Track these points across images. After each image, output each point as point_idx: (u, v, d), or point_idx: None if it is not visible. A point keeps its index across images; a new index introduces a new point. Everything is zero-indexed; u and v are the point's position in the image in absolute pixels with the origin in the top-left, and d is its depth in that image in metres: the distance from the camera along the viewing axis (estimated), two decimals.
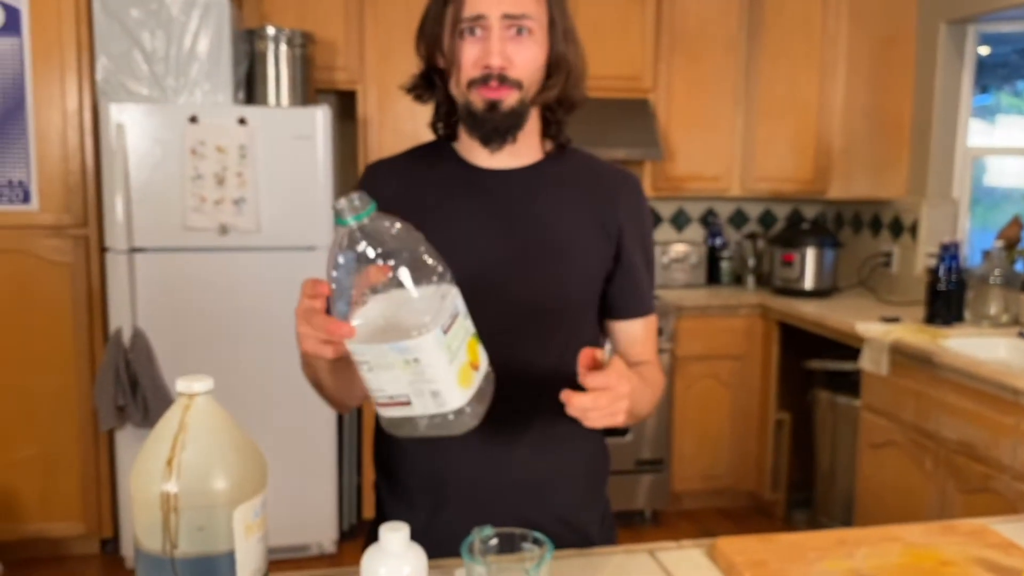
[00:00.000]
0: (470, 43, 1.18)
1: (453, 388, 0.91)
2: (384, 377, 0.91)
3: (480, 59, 1.17)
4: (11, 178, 3.02)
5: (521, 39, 1.18)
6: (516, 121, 1.21)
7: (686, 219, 4.24)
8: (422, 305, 0.89)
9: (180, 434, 0.90)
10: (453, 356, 0.90)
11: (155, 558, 0.89)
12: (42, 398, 3.11)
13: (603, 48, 3.64)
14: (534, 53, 1.19)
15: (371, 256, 0.89)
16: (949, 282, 3.03)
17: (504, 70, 1.17)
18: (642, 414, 1.24)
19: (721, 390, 3.67)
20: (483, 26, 1.16)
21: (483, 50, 1.17)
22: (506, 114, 1.19)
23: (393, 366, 0.90)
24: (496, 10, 1.15)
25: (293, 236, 3.08)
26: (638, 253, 1.31)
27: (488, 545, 0.98)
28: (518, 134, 1.23)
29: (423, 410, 0.93)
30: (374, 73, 3.46)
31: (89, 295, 3.12)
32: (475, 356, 0.95)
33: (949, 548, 1.20)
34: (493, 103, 1.18)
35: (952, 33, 3.52)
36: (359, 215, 0.89)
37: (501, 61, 1.16)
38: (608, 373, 1.01)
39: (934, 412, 2.62)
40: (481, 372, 0.96)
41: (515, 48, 1.17)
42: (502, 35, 1.17)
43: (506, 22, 1.16)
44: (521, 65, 1.18)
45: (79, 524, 3.19)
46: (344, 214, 0.88)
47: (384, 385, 0.92)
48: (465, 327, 0.95)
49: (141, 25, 2.98)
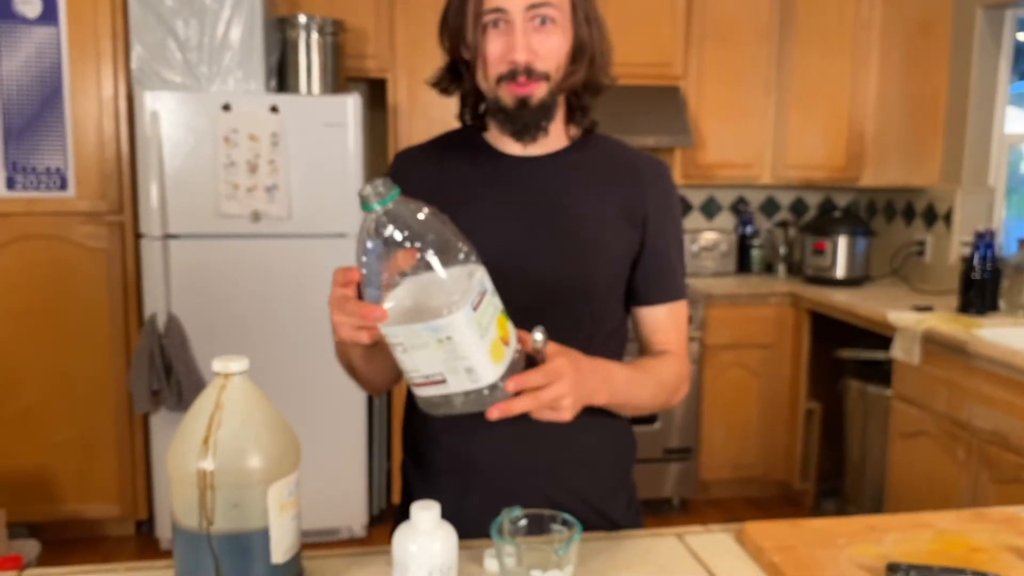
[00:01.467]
0: (494, 36, 1.17)
1: (486, 363, 0.92)
2: (419, 357, 0.93)
3: (505, 54, 1.16)
4: (48, 165, 3.08)
5: (545, 29, 1.16)
6: (546, 114, 1.21)
7: (716, 207, 4.21)
8: (450, 285, 0.91)
9: (216, 413, 0.92)
10: (484, 332, 0.92)
11: (192, 534, 0.92)
12: (79, 382, 3.17)
13: (633, 35, 3.62)
14: (559, 42, 1.18)
15: (398, 240, 0.90)
16: (983, 271, 2.99)
17: (531, 63, 1.16)
18: (643, 406, 1.23)
19: (751, 379, 3.65)
20: (506, 19, 1.16)
21: (508, 44, 1.16)
22: (536, 108, 1.19)
23: (427, 346, 0.91)
24: (518, 3, 1.15)
25: (324, 223, 3.10)
26: (664, 239, 1.30)
27: (517, 526, 0.99)
28: (550, 124, 1.23)
29: (459, 387, 0.94)
30: (404, 61, 3.47)
31: (124, 281, 3.17)
32: (505, 331, 0.96)
33: (980, 535, 1.20)
34: (523, 99, 1.18)
35: (989, 18, 3.46)
36: (384, 200, 0.90)
37: (527, 55, 1.15)
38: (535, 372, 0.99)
39: (967, 402, 2.59)
40: (512, 347, 0.97)
41: (540, 39, 1.16)
42: (525, 27, 1.15)
43: (529, 13, 1.15)
44: (546, 56, 1.17)
45: (115, 506, 3.25)
46: (369, 200, 0.90)
47: (419, 365, 0.94)
48: (494, 304, 0.96)
49: (175, 14, 3.01)
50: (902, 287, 3.68)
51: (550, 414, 1.01)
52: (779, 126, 3.81)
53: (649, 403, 1.24)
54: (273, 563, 0.94)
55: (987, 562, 1.12)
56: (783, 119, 3.80)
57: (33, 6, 3.00)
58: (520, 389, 0.97)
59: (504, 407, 0.96)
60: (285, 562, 0.95)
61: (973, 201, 3.55)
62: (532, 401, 0.98)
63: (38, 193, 3.08)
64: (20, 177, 3.06)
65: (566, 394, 1.00)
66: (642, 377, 1.21)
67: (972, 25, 3.49)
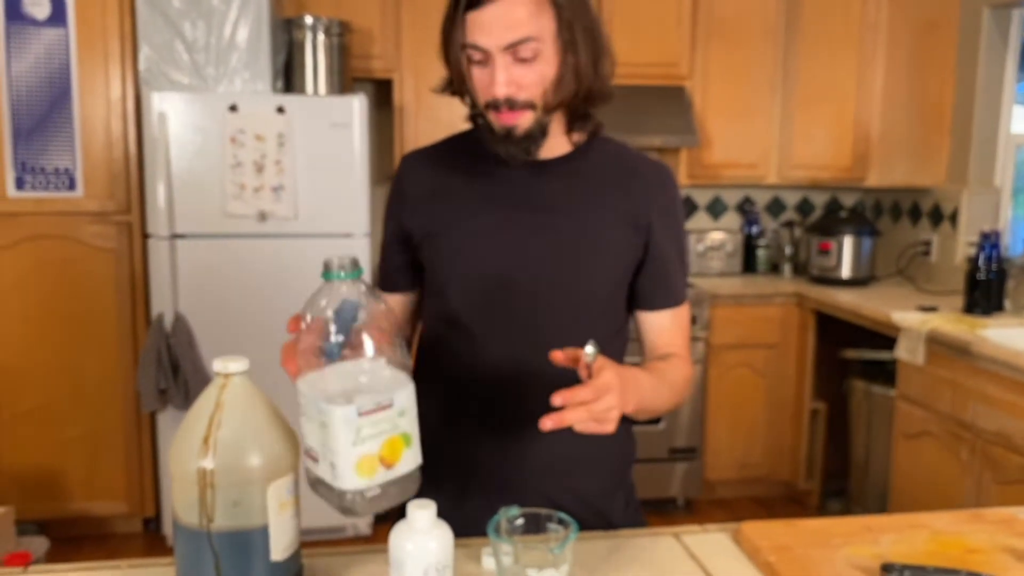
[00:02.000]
0: (477, 69, 1.17)
1: (347, 470, 0.91)
2: (306, 426, 0.95)
3: (488, 87, 1.16)
4: (57, 165, 3.10)
5: (527, 62, 1.15)
6: (533, 141, 1.20)
7: (722, 207, 4.22)
8: (355, 381, 0.93)
9: (216, 412, 0.94)
10: (359, 441, 0.91)
11: (193, 531, 0.93)
12: (88, 380, 3.20)
13: (640, 35, 3.63)
14: (542, 72, 1.16)
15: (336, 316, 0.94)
16: (989, 271, 2.99)
17: (512, 96, 1.15)
18: (659, 411, 1.24)
19: (756, 379, 3.66)
20: (486, 55, 1.15)
21: (489, 77, 1.16)
22: (522, 137, 1.19)
23: (312, 420, 0.93)
24: (494, 42, 1.13)
25: (330, 223, 3.12)
26: (668, 244, 1.30)
27: (514, 525, 1.00)
28: (542, 145, 1.22)
29: (323, 474, 0.94)
30: (410, 61, 3.48)
31: (132, 280, 3.19)
32: (393, 455, 0.94)
33: (976, 536, 1.20)
34: (508, 129, 1.18)
35: (996, 18, 3.45)
36: (348, 274, 0.95)
37: (507, 90, 1.15)
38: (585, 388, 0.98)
39: (971, 402, 2.59)
40: (394, 473, 0.95)
41: (522, 72, 1.15)
42: (505, 63, 1.14)
43: (508, 50, 1.14)
44: (530, 86, 1.16)
45: (122, 503, 3.28)
46: (331, 268, 0.95)
47: (305, 433, 0.96)
48: (396, 424, 0.94)
49: (182, 15, 3.04)
50: (908, 287, 3.67)
51: (595, 426, 0.99)
52: (785, 126, 3.81)
53: (664, 407, 1.24)
54: (272, 560, 0.95)
55: (983, 563, 1.12)
56: (789, 119, 3.80)
57: (42, 8, 3.02)
58: (569, 403, 0.96)
59: (556, 419, 0.96)
60: (284, 559, 0.96)
61: (979, 201, 3.55)
62: (584, 413, 0.97)
63: (47, 193, 3.11)
64: (29, 177, 3.09)
65: (614, 407, 0.99)
66: (660, 383, 1.21)
67: (979, 25, 3.48)
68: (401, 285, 1.38)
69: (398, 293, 1.39)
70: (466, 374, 1.28)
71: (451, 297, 1.28)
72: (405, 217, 1.32)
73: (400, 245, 1.35)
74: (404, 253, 1.35)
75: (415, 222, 1.30)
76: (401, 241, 1.34)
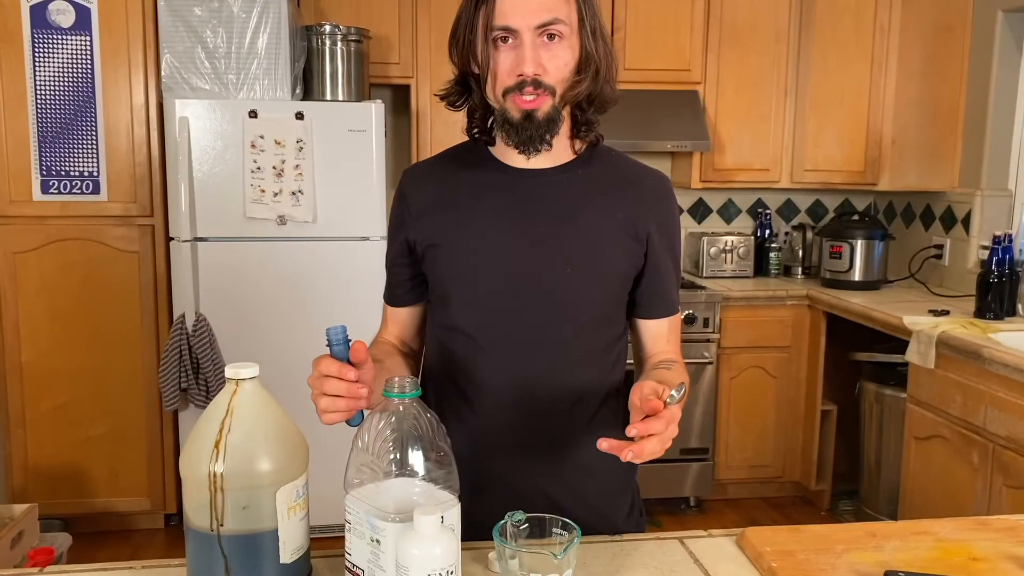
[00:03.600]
0: (504, 51, 1.21)
1: None
2: (355, 542, 0.98)
3: (514, 68, 1.20)
4: (81, 170, 3.17)
5: (552, 45, 1.20)
6: (551, 127, 1.23)
7: (735, 210, 4.24)
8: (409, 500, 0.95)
9: (227, 418, 0.96)
10: None
11: (203, 534, 0.95)
12: (112, 379, 3.27)
13: (653, 41, 3.66)
14: (565, 57, 1.21)
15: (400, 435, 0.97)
16: (1001, 275, 2.99)
17: (539, 76, 1.19)
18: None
19: (767, 380, 3.68)
20: (515, 36, 1.19)
21: (517, 58, 1.19)
22: (541, 122, 1.22)
23: (363, 536, 0.96)
24: (526, 22, 1.18)
25: (348, 227, 3.18)
26: (666, 254, 1.33)
27: (519, 529, 1.02)
28: (554, 138, 1.25)
29: None
30: (427, 68, 3.53)
31: (155, 282, 3.25)
32: None
33: (981, 544, 1.20)
34: (528, 112, 1.21)
35: (1010, 22, 3.46)
36: (406, 393, 0.98)
37: (535, 68, 1.19)
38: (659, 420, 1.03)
39: (982, 406, 2.60)
40: None
41: (548, 54, 1.20)
42: (534, 42, 1.19)
43: (538, 30, 1.19)
44: (554, 71, 1.20)
45: (145, 500, 3.35)
46: (392, 389, 0.98)
47: (352, 550, 0.98)
48: None
49: (204, 23, 3.09)
50: (920, 290, 3.69)
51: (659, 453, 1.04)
52: (797, 130, 3.83)
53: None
54: (282, 563, 0.97)
55: (987, 571, 1.12)
56: (801, 123, 3.82)
57: (67, 16, 3.09)
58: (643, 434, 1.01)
59: (636, 451, 1.01)
60: (294, 562, 0.98)
61: (992, 205, 3.55)
62: (659, 444, 1.02)
63: (72, 197, 3.17)
64: (54, 181, 3.16)
65: (675, 433, 1.05)
66: None
67: (992, 28, 3.48)
68: (408, 299, 1.40)
69: (406, 307, 1.41)
70: (471, 382, 1.31)
71: (455, 306, 1.30)
72: (408, 229, 1.34)
73: (405, 258, 1.36)
74: (410, 266, 1.36)
75: (418, 234, 1.32)
76: (406, 254, 1.36)
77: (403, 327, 1.42)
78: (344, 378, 1.04)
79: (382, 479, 0.96)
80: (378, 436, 0.97)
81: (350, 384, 1.04)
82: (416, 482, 0.96)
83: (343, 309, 3.14)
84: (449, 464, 0.99)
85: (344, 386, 1.04)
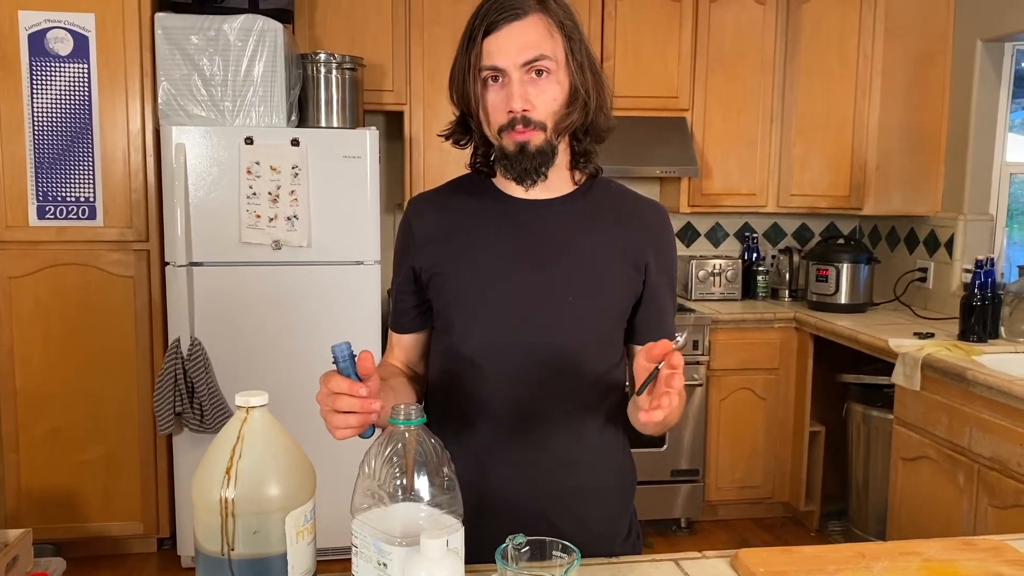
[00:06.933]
0: (493, 90, 1.25)
1: None
2: (362, 566, 1.00)
3: (504, 105, 1.24)
4: (78, 195, 3.20)
5: (540, 80, 1.23)
6: (545, 159, 1.27)
7: (723, 234, 4.30)
8: (415, 523, 0.97)
9: (238, 444, 0.98)
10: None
11: (214, 559, 0.97)
12: (107, 403, 3.28)
13: (642, 68, 3.74)
14: (554, 92, 1.24)
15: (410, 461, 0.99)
16: (984, 298, 3.04)
17: (527, 112, 1.24)
18: (672, 425, 1.29)
19: (756, 402, 3.73)
20: (503, 75, 1.24)
21: (506, 96, 1.24)
22: (534, 154, 1.26)
23: (370, 560, 0.98)
24: (512, 60, 1.22)
25: (343, 251, 3.21)
26: (663, 284, 1.37)
27: (520, 552, 1.04)
28: (549, 169, 1.29)
29: None
30: (420, 95, 3.59)
31: (150, 306, 3.27)
32: None
33: (967, 564, 1.23)
34: (522, 145, 1.25)
35: (989, 50, 3.54)
36: (412, 420, 1.00)
37: (523, 104, 1.23)
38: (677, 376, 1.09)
39: (967, 428, 2.64)
40: None
41: (536, 90, 1.24)
42: (522, 79, 1.23)
43: (524, 68, 1.23)
44: (543, 106, 1.24)
45: (138, 524, 3.35)
46: (399, 416, 1.00)
47: (359, 572, 1.01)
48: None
49: (200, 51, 3.13)
50: (905, 313, 3.75)
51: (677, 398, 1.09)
52: (783, 155, 3.91)
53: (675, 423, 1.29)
54: None
55: None
56: (787, 148, 3.89)
57: (65, 44, 3.13)
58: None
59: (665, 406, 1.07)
60: None
61: (975, 229, 3.62)
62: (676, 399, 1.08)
63: (68, 222, 3.20)
64: (51, 206, 3.18)
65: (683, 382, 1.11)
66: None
67: (972, 56, 3.57)
68: (414, 326, 1.43)
69: (411, 333, 1.44)
70: (474, 407, 1.33)
71: (458, 332, 1.34)
72: (414, 257, 1.37)
73: (410, 286, 1.39)
74: (415, 294, 1.39)
75: (423, 261, 1.35)
76: (411, 281, 1.38)
77: (409, 353, 1.45)
78: (355, 395, 1.07)
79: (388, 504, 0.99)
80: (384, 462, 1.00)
81: (362, 400, 1.07)
82: (421, 507, 0.99)
83: (338, 333, 3.16)
84: (453, 489, 1.01)
85: (356, 402, 1.07)
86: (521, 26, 1.22)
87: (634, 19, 3.71)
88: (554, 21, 1.24)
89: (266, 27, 3.14)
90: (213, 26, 3.12)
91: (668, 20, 3.75)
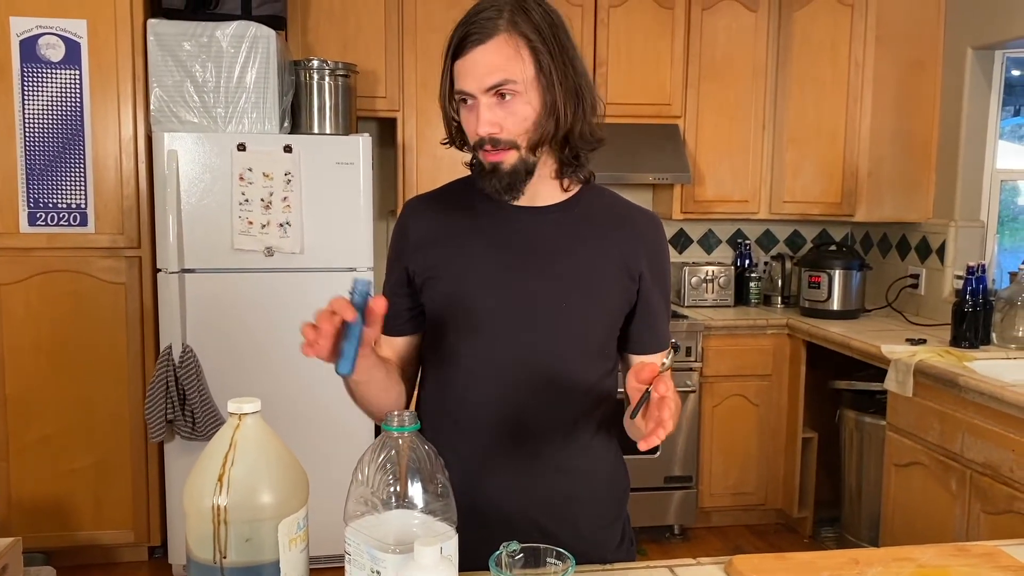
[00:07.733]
0: (465, 112, 1.27)
1: None
2: (355, 573, 1.00)
3: (474, 127, 1.25)
4: (70, 202, 3.18)
5: (508, 103, 1.22)
6: (518, 178, 1.27)
7: (715, 240, 4.31)
8: (409, 531, 0.97)
9: (230, 452, 0.97)
10: None
11: (206, 566, 0.96)
12: (97, 410, 3.26)
13: (634, 76, 3.75)
14: (524, 112, 1.23)
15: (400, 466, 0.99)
16: (976, 305, 3.05)
17: (494, 136, 1.24)
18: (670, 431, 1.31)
19: (749, 408, 3.73)
20: (472, 98, 1.24)
21: (475, 120, 1.25)
22: (508, 172, 1.26)
23: (364, 566, 0.98)
24: (477, 86, 1.22)
25: (335, 258, 3.21)
26: (657, 292, 1.37)
27: (515, 559, 1.04)
28: (527, 184, 1.29)
29: None
30: (413, 101, 3.59)
31: (141, 313, 3.26)
32: None
33: (961, 570, 1.23)
34: (495, 165, 1.26)
35: (980, 58, 3.56)
36: (405, 427, 1.01)
37: (489, 129, 1.23)
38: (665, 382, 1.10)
39: (959, 433, 2.65)
40: None
41: (504, 112, 1.24)
42: (488, 103, 1.23)
43: (490, 92, 1.22)
44: (512, 126, 1.24)
45: (129, 532, 3.33)
46: (392, 423, 1.01)
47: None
48: None
49: (193, 58, 3.13)
50: (897, 319, 3.76)
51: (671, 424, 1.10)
52: (775, 162, 3.92)
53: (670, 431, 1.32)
54: None
55: None
56: (779, 156, 3.91)
57: (57, 50, 3.12)
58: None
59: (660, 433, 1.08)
60: None
61: (966, 235, 3.64)
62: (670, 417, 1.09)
63: (59, 229, 3.18)
64: (42, 213, 3.17)
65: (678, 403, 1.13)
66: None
67: (963, 64, 3.59)
68: (406, 329, 1.42)
69: (403, 336, 1.43)
70: (466, 412, 1.34)
71: (451, 338, 1.34)
72: (407, 260, 1.37)
73: (404, 288, 1.39)
74: (408, 296, 1.39)
75: (417, 265, 1.35)
76: (405, 284, 1.38)
77: (399, 356, 1.44)
78: (344, 317, 1.10)
79: (381, 511, 0.99)
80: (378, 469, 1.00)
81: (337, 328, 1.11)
82: (415, 514, 0.99)
83: None
84: (447, 496, 1.01)
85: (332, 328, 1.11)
86: (484, 50, 1.21)
87: (627, 27, 3.73)
88: (523, 39, 1.22)
89: (259, 34, 3.14)
90: (206, 32, 3.12)
91: (661, 28, 3.77)
